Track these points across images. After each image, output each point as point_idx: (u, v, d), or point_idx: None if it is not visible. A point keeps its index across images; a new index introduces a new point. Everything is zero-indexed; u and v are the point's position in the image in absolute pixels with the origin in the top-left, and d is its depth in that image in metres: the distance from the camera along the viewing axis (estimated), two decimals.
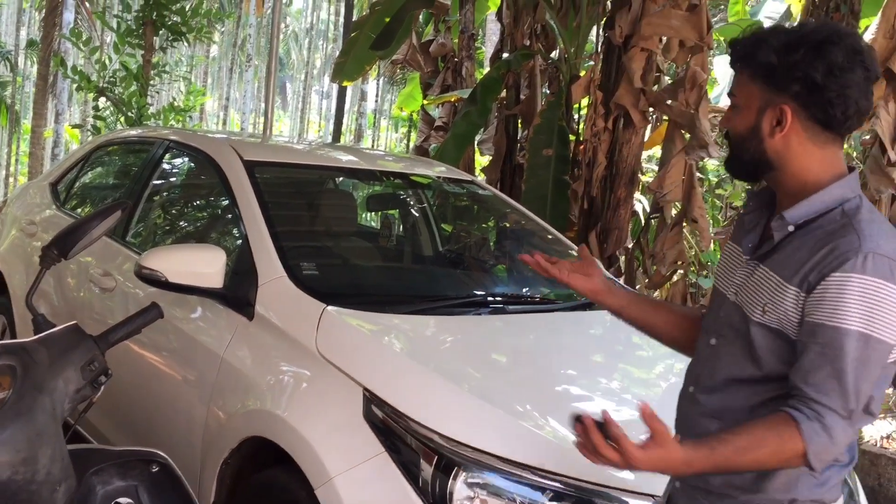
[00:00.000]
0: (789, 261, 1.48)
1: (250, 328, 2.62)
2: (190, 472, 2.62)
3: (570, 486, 1.99)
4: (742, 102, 1.53)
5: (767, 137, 1.50)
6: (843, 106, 1.45)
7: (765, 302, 1.49)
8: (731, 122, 1.56)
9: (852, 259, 1.38)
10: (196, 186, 3.89)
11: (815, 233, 1.47)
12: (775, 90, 1.48)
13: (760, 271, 1.53)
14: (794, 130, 1.49)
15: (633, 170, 5.45)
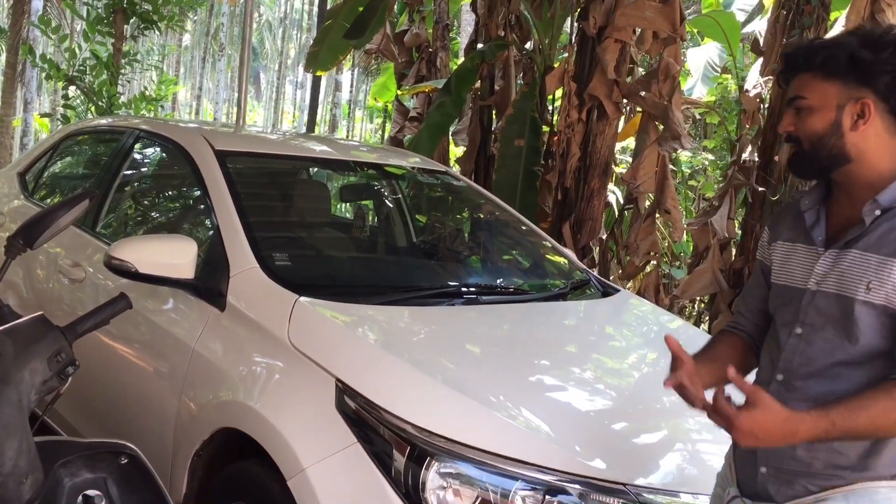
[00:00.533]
0: (885, 240, 1.59)
1: (222, 319, 2.60)
2: (161, 464, 2.60)
3: (542, 475, 1.99)
4: (816, 103, 1.64)
5: (849, 132, 1.63)
6: None
7: (868, 280, 1.58)
8: (802, 124, 1.66)
9: None
10: (167, 176, 3.85)
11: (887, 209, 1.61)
12: (857, 86, 1.61)
13: (851, 256, 1.62)
14: (872, 123, 1.62)
15: (607, 161, 5.47)
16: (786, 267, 1.77)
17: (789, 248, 1.77)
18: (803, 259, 1.73)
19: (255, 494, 2.27)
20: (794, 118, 1.68)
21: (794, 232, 1.77)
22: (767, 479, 1.68)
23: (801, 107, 1.66)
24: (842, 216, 1.70)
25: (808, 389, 1.65)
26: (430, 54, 7.42)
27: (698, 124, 9.77)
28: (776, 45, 4.81)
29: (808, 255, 1.72)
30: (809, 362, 1.65)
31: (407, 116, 7.64)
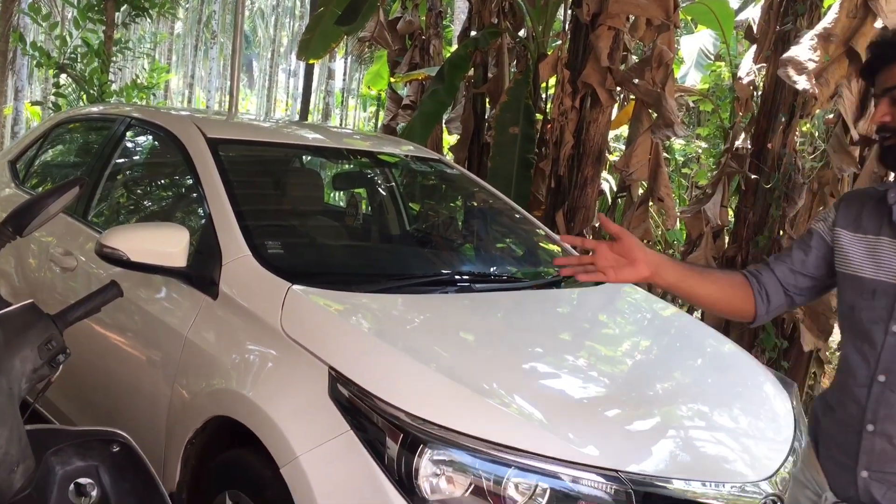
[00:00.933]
0: None
1: (215, 307, 2.59)
2: (154, 452, 2.60)
3: (535, 462, 2.00)
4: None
5: None
6: None
7: None
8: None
9: None
10: (159, 164, 3.83)
11: None
12: None
13: None
14: None
15: (600, 149, 5.46)
16: (869, 260, 1.71)
17: (872, 241, 1.72)
18: (893, 254, 1.68)
19: (249, 482, 2.27)
20: (890, 109, 1.64)
21: (873, 223, 1.73)
22: (870, 483, 1.64)
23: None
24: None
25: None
26: (424, 42, 7.40)
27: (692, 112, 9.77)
28: (769, 33, 4.80)
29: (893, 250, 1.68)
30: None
31: (400, 104, 7.61)
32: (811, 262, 1.85)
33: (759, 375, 2.83)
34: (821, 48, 3.95)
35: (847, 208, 1.81)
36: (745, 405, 2.60)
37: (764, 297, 1.89)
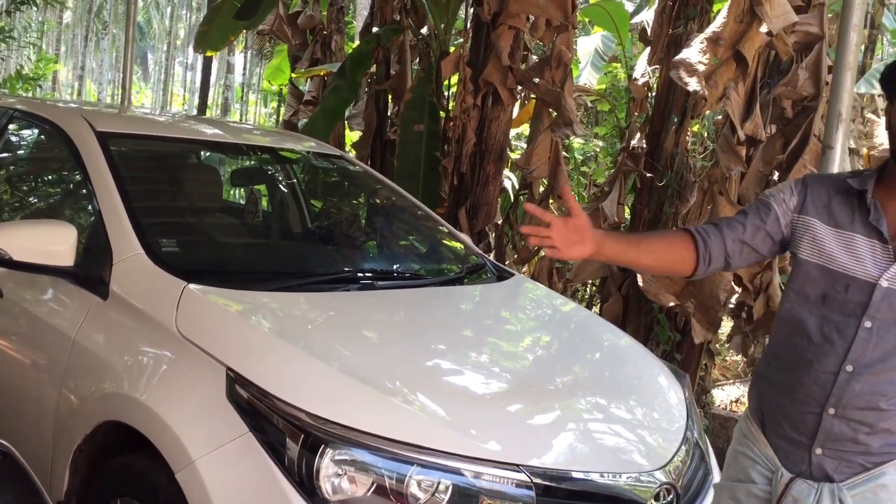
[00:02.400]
0: None
1: (105, 308, 2.49)
2: (40, 460, 2.49)
3: (437, 459, 2.00)
4: None
5: None
6: None
7: None
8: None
9: None
10: (45, 159, 3.65)
11: None
12: None
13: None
14: None
15: (502, 146, 5.52)
16: (842, 254, 1.77)
17: (845, 236, 1.78)
18: (868, 252, 1.75)
19: (142, 489, 2.19)
20: None
21: (846, 218, 1.79)
22: (823, 459, 1.76)
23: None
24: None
25: (876, 382, 1.72)
26: (325, 37, 7.32)
27: (590, 112, 10.00)
28: (663, 35, 4.95)
29: (874, 250, 1.75)
30: (883, 358, 1.72)
31: (301, 100, 7.51)
32: (762, 236, 1.89)
33: (653, 368, 2.91)
34: (710, 51, 4.10)
35: (815, 196, 1.85)
36: (641, 397, 2.67)
37: (706, 260, 1.93)
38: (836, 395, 1.75)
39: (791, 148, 4.34)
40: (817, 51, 4.22)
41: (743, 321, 4.88)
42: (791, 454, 1.80)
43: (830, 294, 1.78)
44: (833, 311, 1.77)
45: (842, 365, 1.75)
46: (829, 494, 1.73)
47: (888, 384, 1.71)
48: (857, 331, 1.73)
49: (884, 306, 1.72)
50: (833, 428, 1.74)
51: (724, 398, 5.72)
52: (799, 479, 1.77)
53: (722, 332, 5.64)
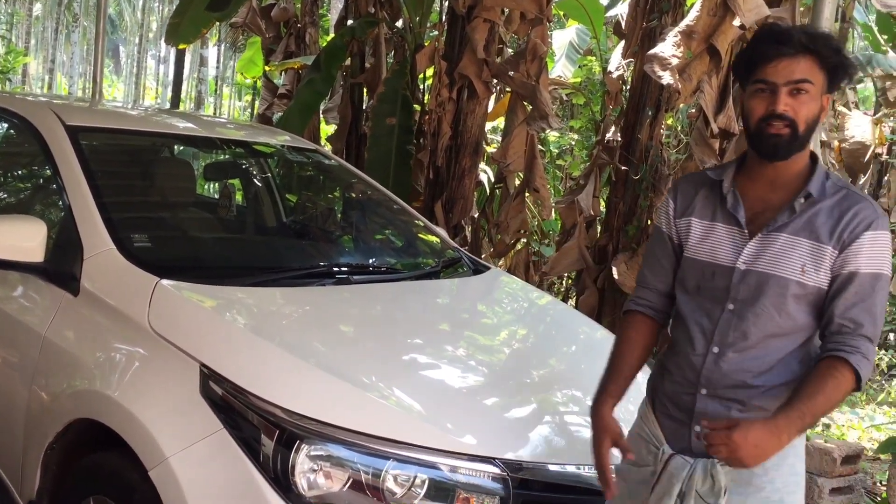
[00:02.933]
0: (813, 226, 1.76)
1: (76, 304, 2.46)
2: (10, 458, 2.46)
3: (413, 453, 2.00)
4: (813, 90, 1.75)
5: (819, 121, 1.78)
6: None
7: (804, 262, 1.76)
8: (801, 107, 1.74)
9: (875, 220, 1.74)
10: (13, 154, 3.59)
11: (825, 202, 1.77)
12: (830, 81, 1.77)
13: (783, 239, 1.77)
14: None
15: (478, 140, 5.52)
16: (707, 244, 1.88)
17: (708, 227, 1.88)
18: (728, 239, 1.85)
19: (115, 487, 2.17)
20: (790, 100, 1.74)
21: (709, 210, 1.89)
22: (708, 401, 1.83)
23: (804, 90, 1.73)
24: (757, 199, 1.83)
25: (741, 360, 1.80)
26: (299, 30, 7.27)
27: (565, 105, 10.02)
28: (637, 29, 4.97)
29: (732, 236, 1.84)
30: (744, 336, 1.80)
31: (276, 93, 7.46)
32: (672, 262, 1.98)
33: None
34: (683, 45, 4.12)
35: (684, 195, 1.95)
36: None
37: (661, 315, 2.03)
38: (705, 375, 1.83)
39: None
40: None
41: None
42: (675, 431, 1.87)
43: (702, 284, 1.87)
44: (705, 299, 1.86)
45: (709, 347, 1.83)
46: (702, 469, 1.78)
47: (753, 360, 1.79)
48: (722, 314, 1.82)
49: (742, 287, 1.80)
50: (707, 407, 1.82)
51: None
52: (677, 455, 1.83)
53: None
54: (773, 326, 1.78)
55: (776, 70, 1.74)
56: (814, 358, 1.81)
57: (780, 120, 1.74)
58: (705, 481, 1.78)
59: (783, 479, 1.81)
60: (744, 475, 1.77)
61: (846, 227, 1.74)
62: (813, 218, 1.77)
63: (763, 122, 1.76)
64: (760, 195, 1.84)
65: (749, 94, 1.80)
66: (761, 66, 1.76)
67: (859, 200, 1.77)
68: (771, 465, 1.76)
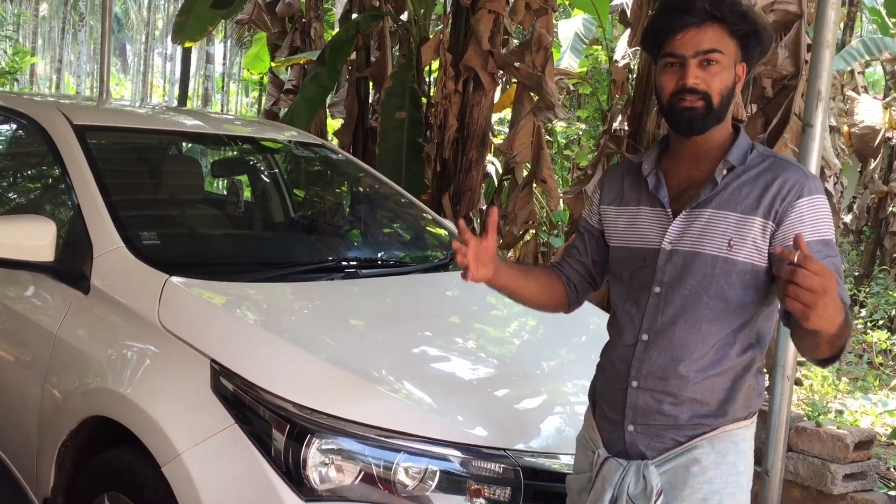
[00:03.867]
0: (738, 198, 1.67)
1: (86, 303, 2.47)
2: (25, 457, 2.48)
3: (424, 445, 2.00)
4: (725, 60, 1.66)
5: (735, 91, 1.71)
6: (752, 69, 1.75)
7: (730, 237, 1.65)
8: (713, 78, 1.66)
9: (806, 184, 1.65)
10: (22, 154, 3.61)
11: (750, 172, 1.69)
12: (743, 49, 1.68)
13: (708, 214, 1.68)
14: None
15: (484, 132, 5.51)
16: (633, 230, 1.79)
17: (634, 212, 1.80)
18: (652, 221, 1.76)
19: (129, 483, 2.18)
20: (700, 72, 1.65)
21: (634, 195, 1.81)
22: (636, 436, 1.72)
23: (715, 60, 1.65)
24: (682, 177, 1.75)
25: (670, 347, 1.70)
26: (304, 25, 7.26)
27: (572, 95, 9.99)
28: (642, 17, 4.95)
29: (656, 217, 1.75)
30: (672, 320, 1.70)
31: (282, 89, 7.46)
32: (592, 247, 1.93)
33: None
34: None
35: (610, 185, 1.88)
36: None
37: (573, 288, 1.97)
38: (635, 366, 1.73)
39: (772, 127, 4.35)
40: (796, 29, 4.23)
41: None
42: (611, 434, 1.77)
43: (634, 272, 1.78)
44: (635, 286, 1.77)
45: (638, 335, 1.74)
46: (634, 471, 1.70)
47: (683, 348, 1.68)
48: (649, 298, 1.73)
49: (668, 268, 1.71)
50: (638, 401, 1.71)
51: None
52: (610, 459, 1.74)
53: None
54: (702, 308, 1.67)
55: (683, 42, 1.65)
56: (756, 346, 1.71)
57: (693, 93, 1.65)
58: (637, 483, 1.69)
59: (723, 479, 1.69)
60: (679, 476, 1.69)
61: (776, 197, 1.64)
62: (737, 190, 1.68)
63: (675, 97, 1.67)
64: (685, 173, 1.75)
65: (659, 68, 1.71)
66: (668, 39, 1.67)
67: (786, 167, 1.68)
68: (710, 464, 1.68)
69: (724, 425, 1.70)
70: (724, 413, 1.69)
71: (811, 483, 3.53)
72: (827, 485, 3.48)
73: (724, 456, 1.69)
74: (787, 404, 2.97)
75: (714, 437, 1.69)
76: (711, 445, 1.69)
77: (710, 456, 1.68)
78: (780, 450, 2.97)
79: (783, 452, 2.98)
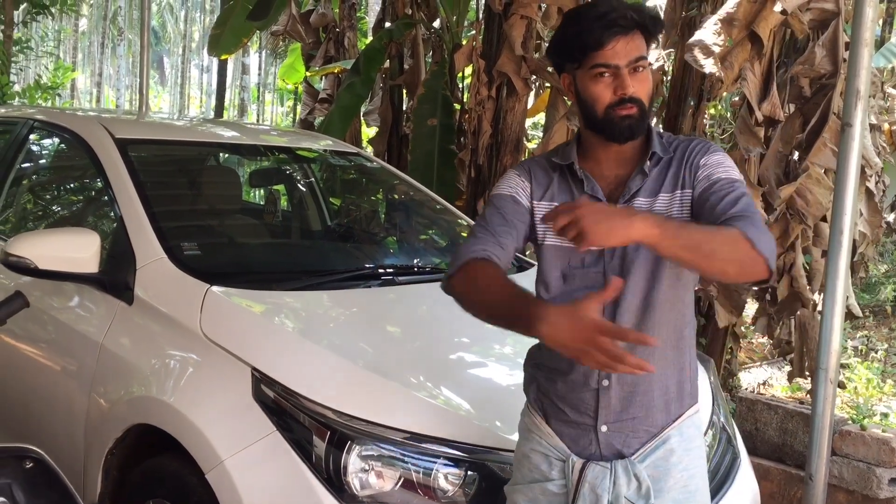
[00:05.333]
0: (660, 180, 1.72)
1: (130, 313, 2.52)
2: (73, 464, 2.53)
3: (463, 451, 2.01)
4: (646, 64, 1.70)
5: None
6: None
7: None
8: (644, 85, 1.69)
9: (709, 147, 1.75)
10: (66, 168, 3.70)
11: (668, 157, 1.74)
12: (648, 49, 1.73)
13: (640, 202, 1.71)
14: None
15: (518, 137, 5.51)
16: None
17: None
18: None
19: (173, 490, 2.22)
20: (632, 80, 1.66)
21: (565, 195, 1.76)
22: (610, 436, 1.69)
23: (643, 66, 1.68)
24: (609, 176, 1.75)
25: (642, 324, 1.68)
26: (338, 34, 7.33)
27: None
28: (676, 19, 4.92)
29: None
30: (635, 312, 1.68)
31: (317, 98, 7.53)
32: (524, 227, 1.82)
33: None
34: (724, 32, 4.06)
35: (538, 181, 1.80)
36: None
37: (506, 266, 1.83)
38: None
39: (810, 127, 4.29)
40: (833, 28, 4.17)
41: (767, 303, 4.84)
42: (578, 438, 1.71)
43: (569, 272, 1.74)
44: (577, 287, 1.72)
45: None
46: (623, 471, 1.66)
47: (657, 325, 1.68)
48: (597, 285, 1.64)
49: (615, 263, 1.69)
50: (611, 400, 1.67)
51: (750, 381, 5.69)
52: (591, 463, 1.68)
53: (746, 314, 5.60)
54: (656, 294, 1.67)
55: (615, 52, 1.64)
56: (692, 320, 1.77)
57: (630, 101, 1.66)
58: (630, 483, 1.66)
59: (695, 463, 1.74)
60: (660, 468, 1.69)
61: (685, 165, 1.71)
62: (660, 174, 1.72)
63: (612, 108, 1.67)
64: (609, 174, 1.75)
65: (587, 78, 1.68)
66: (598, 50, 1.64)
67: (689, 141, 1.75)
68: (682, 451, 1.71)
69: (685, 413, 1.75)
70: (686, 396, 1.75)
71: (856, 487, 3.48)
72: (873, 489, 3.43)
73: (691, 440, 1.75)
74: (831, 407, 2.93)
75: (681, 423, 1.74)
76: (680, 432, 1.73)
77: (681, 443, 1.72)
78: (824, 454, 2.93)
79: (827, 456, 2.94)
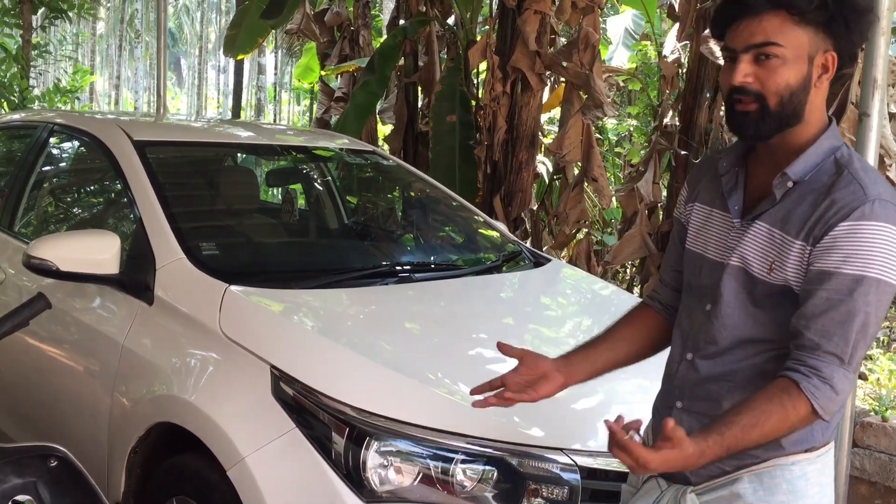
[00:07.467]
0: (791, 216, 1.45)
1: (151, 313, 2.55)
2: (97, 463, 2.56)
3: (481, 446, 2.02)
4: (791, 52, 1.41)
5: (813, 88, 1.45)
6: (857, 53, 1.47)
7: (772, 260, 1.46)
8: (770, 76, 1.42)
9: (860, 207, 1.38)
10: (85, 170, 3.74)
11: (812, 185, 1.45)
12: (823, 35, 1.43)
13: (757, 228, 1.49)
14: (828, 80, 1.46)
15: (533, 132, 5.51)
16: (702, 234, 1.62)
17: (706, 214, 1.62)
18: (719, 228, 1.58)
19: (196, 487, 2.24)
20: (754, 68, 1.43)
21: (711, 194, 1.62)
22: (684, 417, 1.57)
23: (773, 55, 1.41)
24: (762, 182, 1.53)
25: (714, 368, 1.54)
26: (353, 33, 7.35)
27: (622, 91, 9.91)
28: (691, 11, 4.90)
29: (723, 225, 1.57)
30: (716, 340, 1.53)
31: (332, 97, 7.55)
32: (680, 253, 1.71)
33: None
34: None
35: (695, 181, 1.70)
36: None
37: (672, 313, 1.75)
38: (678, 385, 1.59)
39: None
40: None
41: None
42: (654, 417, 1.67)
43: (692, 280, 1.62)
44: (692, 297, 1.61)
45: (684, 353, 1.59)
46: (671, 496, 1.56)
47: (730, 372, 1.52)
48: (701, 315, 1.56)
49: (720, 284, 1.52)
50: (683, 424, 1.44)
51: None
52: (652, 479, 1.60)
53: None
54: (743, 330, 1.50)
55: (735, 34, 1.44)
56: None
57: (744, 94, 1.43)
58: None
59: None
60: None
61: (820, 217, 1.41)
62: (793, 206, 1.45)
63: (729, 99, 1.46)
64: (764, 178, 1.52)
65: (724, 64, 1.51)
66: (726, 31, 1.47)
67: (848, 184, 1.41)
68: (754, 501, 1.49)
69: (774, 458, 1.50)
70: (779, 445, 1.48)
71: (878, 479, 3.45)
72: (895, 480, 3.40)
73: (772, 494, 1.49)
74: (852, 399, 2.91)
75: (762, 470, 1.50)
76: (759, 480, 1.50)
77: (755, 492, 1.49)
78: (846, 445, 2.91)
79: (848, 448, 2.93)
